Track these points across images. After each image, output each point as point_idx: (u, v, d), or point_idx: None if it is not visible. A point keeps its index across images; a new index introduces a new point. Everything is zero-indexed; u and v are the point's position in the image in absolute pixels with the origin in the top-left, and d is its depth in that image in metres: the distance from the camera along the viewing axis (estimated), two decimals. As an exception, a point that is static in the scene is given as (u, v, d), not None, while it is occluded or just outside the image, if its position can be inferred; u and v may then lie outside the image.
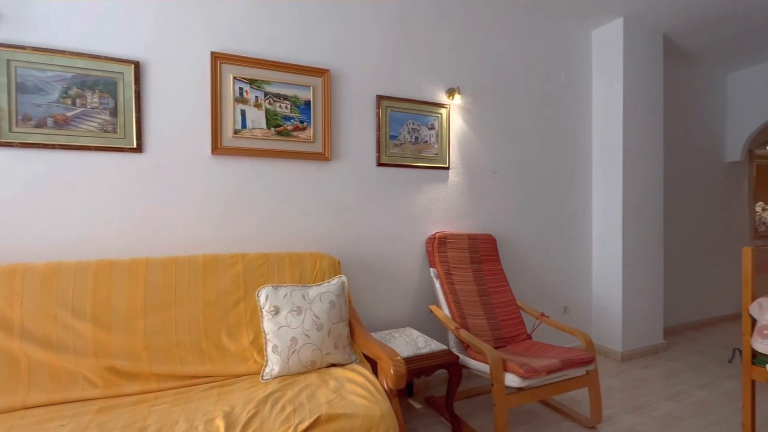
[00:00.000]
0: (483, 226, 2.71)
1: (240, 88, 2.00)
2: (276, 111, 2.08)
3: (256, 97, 2.04)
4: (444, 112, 2.53)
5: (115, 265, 1.60)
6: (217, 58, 1.94)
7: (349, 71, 2.28)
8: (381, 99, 2.33)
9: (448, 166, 2.55)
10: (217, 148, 1.96)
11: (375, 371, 1.63)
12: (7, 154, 1.63)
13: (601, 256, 3.11)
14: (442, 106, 2.52)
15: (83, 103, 1.72)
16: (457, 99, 2.55)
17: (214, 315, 1.67)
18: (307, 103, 2.15)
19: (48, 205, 1.69)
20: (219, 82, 1.95)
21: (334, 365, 1.66)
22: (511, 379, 1.74)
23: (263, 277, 1.80)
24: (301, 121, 2.14)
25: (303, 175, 2.18)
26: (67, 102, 1.70)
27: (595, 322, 3.16)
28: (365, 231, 2.33)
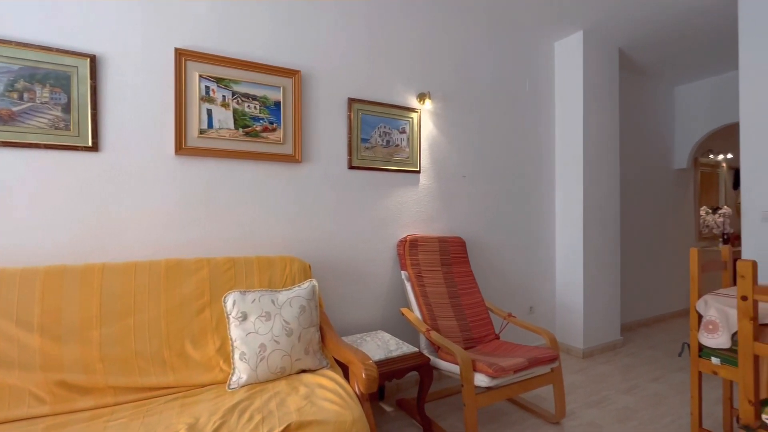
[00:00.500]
0: (453, 229, 2.76)
1: (206, 87, 1.93)
2: (244, 111, 2.03)
3: (224, 96, 1.97)
4: (415, 116, 2.56)
5: (67, 272, 1.49)
6: (181, 55, 1.87)
7: (321, 73, 2.26)
8: (352, 102, 2.33)
9: (419, 169, 2.58)
10: (182, 148, 1.88)
11: (347, 376, 1.61)
12: (-59, 151, 1.49)
13: (564, 258, 3.25)
14: (413, 110, 2.55)
15: (32, 97, 1.60)
16: (427, 104, 2.59)
17: (177, 322, 1.59)
18: (277, 103, 2.11)
19: (-10, 206, 1.56)
20: (184, 80, 1.88)
21: (304, 371, 1.62)
22: (480, 378, 1.78)
23: (230, 282, 1.74)
24: (271, 122, 2.09)
25: (272, 177, 2.13)
26: (13, 96, 1.58)
27: (559, 321, 3.30)
28: (336, 234, 2.31)
